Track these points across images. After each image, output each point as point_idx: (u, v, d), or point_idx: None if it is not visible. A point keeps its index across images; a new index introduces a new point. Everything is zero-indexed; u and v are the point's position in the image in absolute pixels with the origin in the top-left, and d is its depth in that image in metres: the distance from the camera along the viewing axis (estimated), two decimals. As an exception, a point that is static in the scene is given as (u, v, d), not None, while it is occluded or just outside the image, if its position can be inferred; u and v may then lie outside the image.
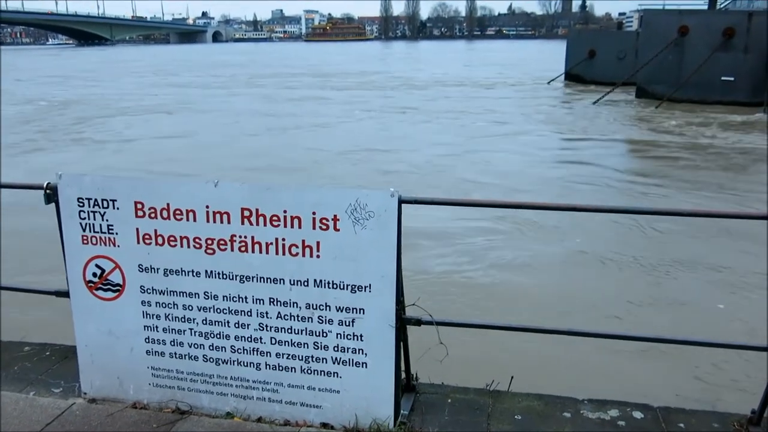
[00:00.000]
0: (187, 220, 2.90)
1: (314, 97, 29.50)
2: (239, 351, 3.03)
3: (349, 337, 2.89)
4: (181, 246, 2.94)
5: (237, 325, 3.00)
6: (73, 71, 53.31)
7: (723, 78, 23.14)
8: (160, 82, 40.91)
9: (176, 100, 28.60)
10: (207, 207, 2.87)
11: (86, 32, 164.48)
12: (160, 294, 3.04)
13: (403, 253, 2.80)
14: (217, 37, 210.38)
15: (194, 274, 2.97)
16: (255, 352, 3.02)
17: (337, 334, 2.90)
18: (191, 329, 3.06)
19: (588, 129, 19.29)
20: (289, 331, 2.95)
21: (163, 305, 3.05)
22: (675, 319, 6.19)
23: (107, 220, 2.99)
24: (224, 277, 2.95)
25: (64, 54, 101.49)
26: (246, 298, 2.95)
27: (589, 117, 21.94)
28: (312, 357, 2.96)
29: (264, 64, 64.23)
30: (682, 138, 17.40)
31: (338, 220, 2.75)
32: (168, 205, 2.91)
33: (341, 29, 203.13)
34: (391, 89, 33.54)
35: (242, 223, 2.85)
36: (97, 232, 3.02)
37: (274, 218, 2.82)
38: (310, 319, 2.91)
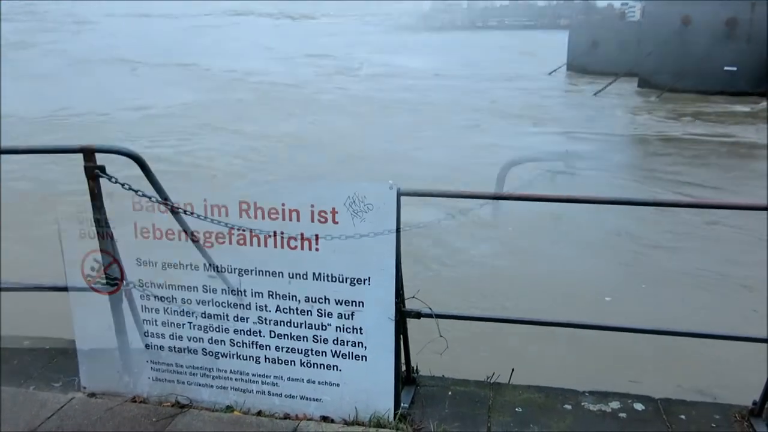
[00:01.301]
0: (185, 213, 2.89)
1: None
2: (238, 344, 3.02)
3: (348, 330, 2.88)
4: (179, 239, 2.93)
5: (236, 319, 2.99)
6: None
7: (726, 68, 23.00)
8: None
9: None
10: (205, 200, 2.85)
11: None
12: (158, 288, 3.03)
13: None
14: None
15: (193, 267, 2.96)
16: (254, 346, 3.01)
17: (337, 327, 2.89)
18: (190, 323, 3.05)
19: (585, 121, 19.18)
20: (289, 324, 2.94)
21: (162, 299, 3.04)
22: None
23: (105, 214, 2.97)
24: (223, 270, 2.93)
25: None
26: (245, 291, 2.94)
27: (588, 109, 21.83)
28: (311, 350, 2.95)
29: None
30: (684, 130, 17.31)
31: (337, 212, 2.74)
32: (165, 199, 2.89)
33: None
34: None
35: (240, 216, 2.84)
36: (95, 226, 3.00)
37: (272, 211, 2.80)
38: (309, 313, 2.90)
